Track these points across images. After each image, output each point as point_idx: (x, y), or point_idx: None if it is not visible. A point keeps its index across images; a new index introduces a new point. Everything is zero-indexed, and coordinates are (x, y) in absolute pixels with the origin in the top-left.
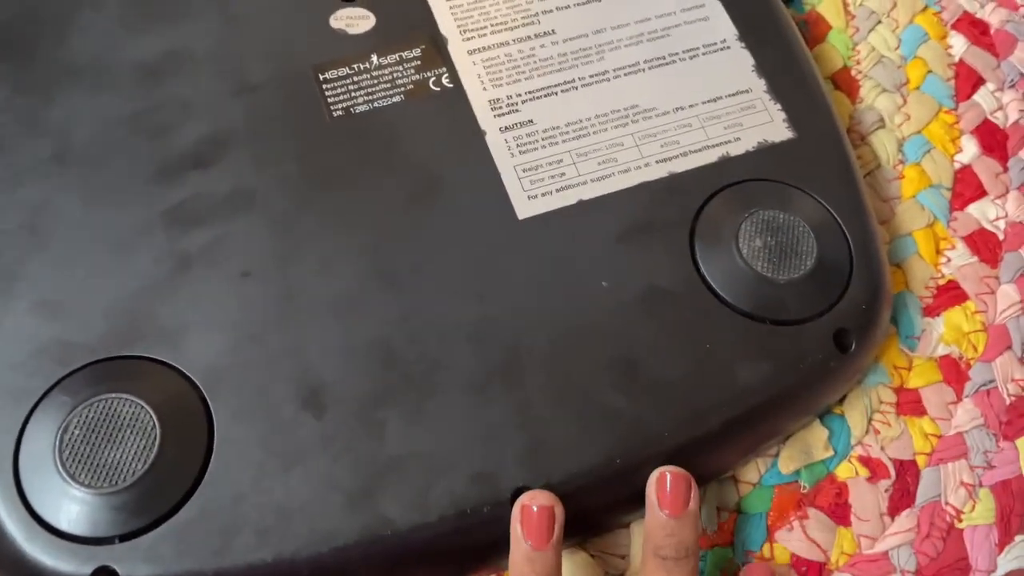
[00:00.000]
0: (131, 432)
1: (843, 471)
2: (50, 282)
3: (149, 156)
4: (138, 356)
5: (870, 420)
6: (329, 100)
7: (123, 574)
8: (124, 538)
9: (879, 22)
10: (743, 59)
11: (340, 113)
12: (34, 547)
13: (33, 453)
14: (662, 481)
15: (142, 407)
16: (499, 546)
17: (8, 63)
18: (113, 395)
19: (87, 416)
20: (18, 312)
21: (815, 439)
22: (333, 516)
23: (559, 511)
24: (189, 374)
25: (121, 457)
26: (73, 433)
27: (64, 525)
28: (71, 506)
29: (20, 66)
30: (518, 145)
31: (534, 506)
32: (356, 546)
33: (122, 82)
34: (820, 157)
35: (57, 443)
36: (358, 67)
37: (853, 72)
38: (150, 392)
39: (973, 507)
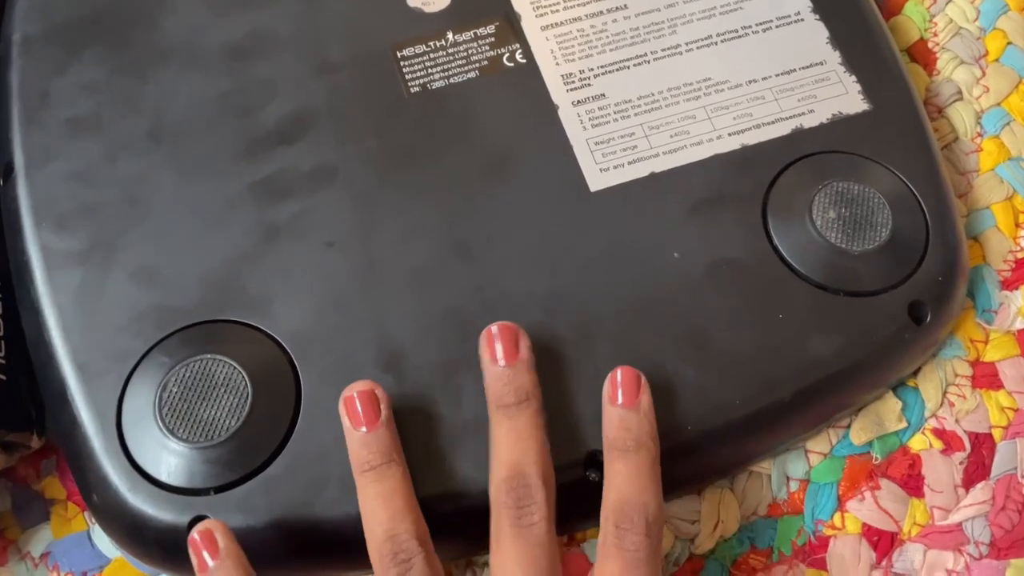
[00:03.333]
0: (225, 391)
1: (916, 443)
2: (148, 251)
3: (238, 133)
4: (231, 320)
5: (945, 393)
6: (407, 77)
7: None
8: (219, 490)
9: None
10: (817, 31)
11: (417, 89)
12: (137, 497)
13: (135, 410)
14: (490, 336)
15: (235, 368)
16: (570, 505)
17: (106, 46)
18: (208, 356)
19: (184, 375)
20: (120, 279)
21: (888, 411)
22: (413, 473)
23: (381, 392)
24: (278, 338)
25: (216, 414)
26: (171, 391)
27: (164, 477)
28: (170, 459)
29: (117, 49)
30: (590, 119)
31: (354, 393)
32: (434, 501)
33: (212, 63)
34: (896, 129)
35: (157, 400)
36: (434, 44)
37: (930, 44)
38: (242, 354)
39: None
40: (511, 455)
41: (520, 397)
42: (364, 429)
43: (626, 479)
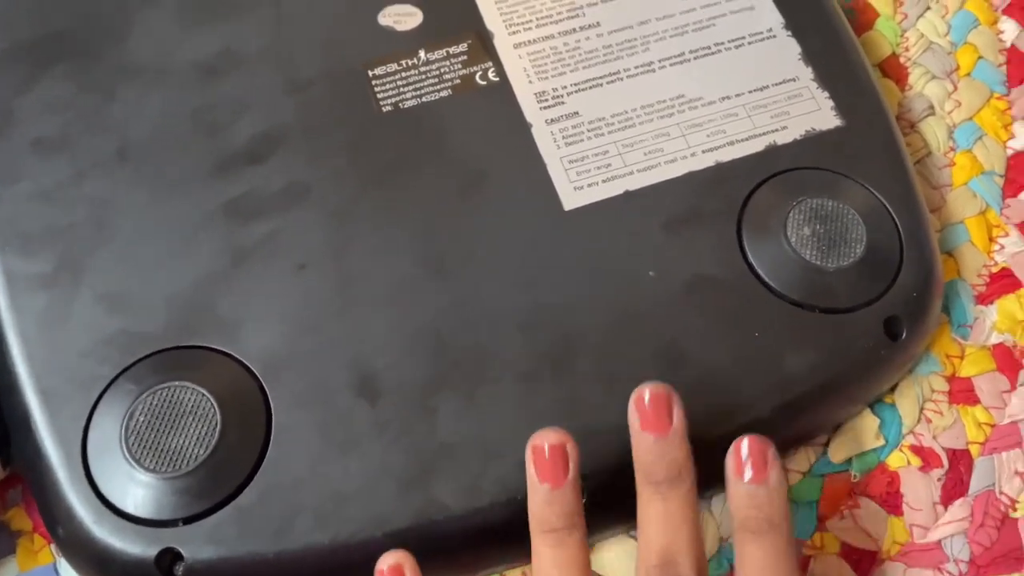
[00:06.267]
0: (193, 419)
1: (895, 460)
2: (115, 274)
3: (207, 152)
4: (199, 346)
5: (922, 409)
6: (379, 95)
7: (187, 555)
8: (187, 521)
9: (928, 8)
10: (789, 48)
11: (389, 108)
12: (103, 529)
13: (101, 439)
14: (640, 401)
15: (203, 395)
16: None
17: (73, 63)
18: (176, 383)
19: (151, 403)
20: (85, 303)
21: (866, 428)
22: (388, 501)
23: (572, 447)
24: (248, 363)
25: (184, 443)
26: (138, 420)
27: (130, 508)
28: (137, 490)
29: (84, 66)
30: (564, 137)
31: (546, 446)
32: (410, 530)
33: (180, 80)
34: (869, 144)
35: (123, 429)
36: (406, 63)
37: (902, 59)
38: (211, 380)
39: None
40: (662, 540)
41: (672, 473)
42: (549, 486)
43: (761, 567)
